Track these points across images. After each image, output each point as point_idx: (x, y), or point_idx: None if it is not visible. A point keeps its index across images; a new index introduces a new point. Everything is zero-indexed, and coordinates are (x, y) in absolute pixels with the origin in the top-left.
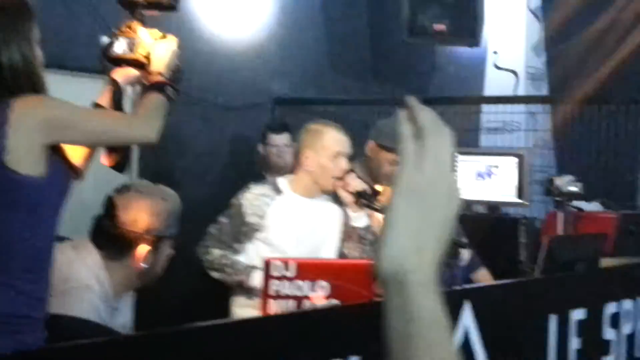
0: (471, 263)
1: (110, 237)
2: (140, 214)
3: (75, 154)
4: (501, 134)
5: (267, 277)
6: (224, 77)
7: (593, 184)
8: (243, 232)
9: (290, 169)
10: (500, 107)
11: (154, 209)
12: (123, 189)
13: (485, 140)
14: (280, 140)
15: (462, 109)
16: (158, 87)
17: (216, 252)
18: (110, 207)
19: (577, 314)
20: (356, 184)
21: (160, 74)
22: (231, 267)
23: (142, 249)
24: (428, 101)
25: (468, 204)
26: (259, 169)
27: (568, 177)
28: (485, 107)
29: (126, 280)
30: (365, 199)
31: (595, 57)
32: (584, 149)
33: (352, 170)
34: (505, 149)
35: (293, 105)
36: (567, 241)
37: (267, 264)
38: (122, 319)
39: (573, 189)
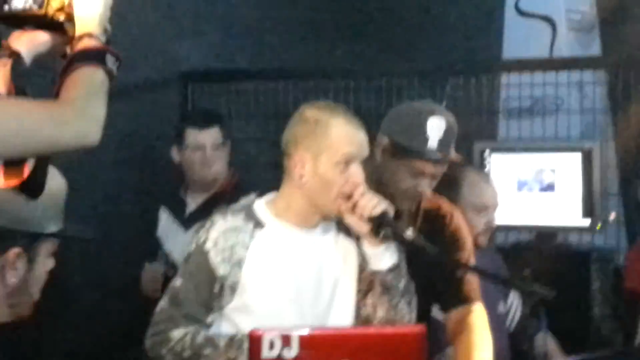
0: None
1: None
2: (3, 202)
3: None
4: (530, 117)
5: (255, 359)
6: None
7: None
8: (215, 295)
9: (228, 185)
10: (529, 77)
11: None
12: None
13: (508, 127)
14: (206, 138)
15: (469, 81)
16: (91, 56)
17: (179, 334)
18: None
19: None
20: (372, 204)
21: (91, 36)
22: (212, 345)
23: (10, 254)
24: (419, 70)
25: (506, 230)
26: (173, 187)
27: None
28: (505, 78)
29: None
30: (388, 226)
31: None
32: None
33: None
34: (562, 141)
35: (214, 83)
36: None
37: (254, 340)
38: None
39: None
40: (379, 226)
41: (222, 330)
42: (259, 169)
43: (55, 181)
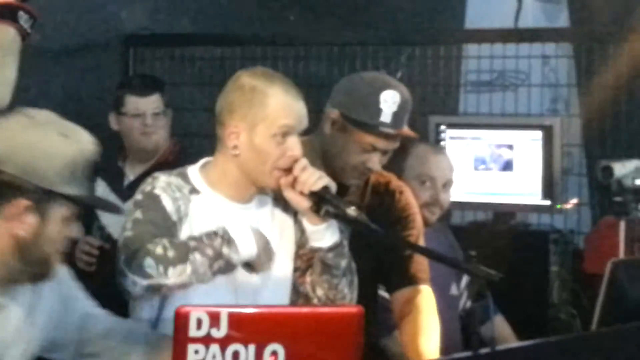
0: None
1: None
2: (17, 150)
3: None
4: (494, 91)
5: (182, 338)
6: (41, 4)
7: None
8: (172, 232)
9: (169, 155)
10: (493, 49)
11: (43, 145)
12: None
13: (469, 101)
14: (146, 105)
15: (429, 52)
16: (4, 12)
17: (156, 242)
18: None
19: None
20: (313, 179)
21: None
22: (195, 239)
23: (18, 205)
24: (372, 39)
25: (463, 208)
26: (110, 156)
27: (635, 163)
28: (468, 49)
29: None
30: (330, 203)
31: None
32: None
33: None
34: (522, 117)
35: (157, 47)
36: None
37: (181, 317)
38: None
39: None
40: (320, 202)
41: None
42: (201, 140)
43: (75, 145)
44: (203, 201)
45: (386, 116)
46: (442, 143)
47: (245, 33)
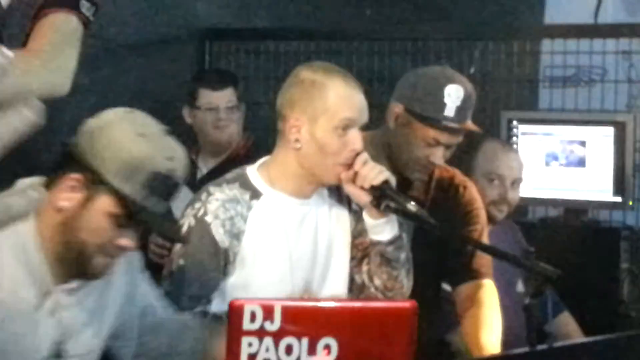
0: (550, 303)
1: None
2: (91, 131)
3: None
4: (573, 87)
5: (235, 331)
6: None
7: None
8: (220, 270)
9: (242, 149)
10: (572, 44)
11: (115, 135)
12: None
13: (546, 97)
14: (219, 99)
15: (508, 48)
16: (66, 1)
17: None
18: None
19: None
20: (374, 173)
21: None
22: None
23: (70, 178)
24: (453, 34)
25: (534, 204)
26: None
27: None
28: (547, 45)
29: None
30: (390, 198)
31: None
32: None
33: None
34: (594, 113)
35: (234, 41)
36: None
37: (235, 310)
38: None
39: None
40: (380, 197)
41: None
42: (275, 134)
43: (146, 148)
44: (264, 205)
45: (450, 110)
46: (514, 139)
47: (320, 27)
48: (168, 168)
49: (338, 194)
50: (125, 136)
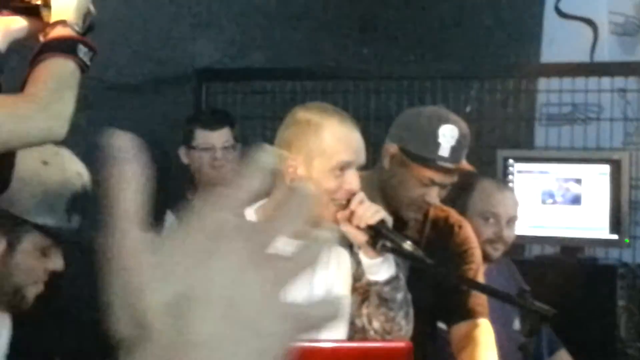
0: (545, 341)
1: None
2: None
3: None
4: (569, 124)
5: None
6: (115, 39)
7: None
8: None
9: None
10: (568, 82)
11: (20, 171)
12: None
13: (543, 135)
14: (216, 139)
15: (505, 86)
16: (61, 46)
17: None
18: None
19: None
20: (370, 213)
21: (65, 24)
22: None
23: None
24: (449, 73)
25: (530, 242)
26: (181, 189)
27: None
28: (543, 83)
29: None
30: (387, 237)
31: None
32: None
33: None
34: (590, 151)
35: (230, 81)
36: None
37: None
38: None
39: None
40: (377, 236)
41: None
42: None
43: (56, 174)
44: None
45: (444, 150)
46: (510, 177)
47: (316, 67)
48: (78, 182)
49: (340, 238)
50: (29, 169)
